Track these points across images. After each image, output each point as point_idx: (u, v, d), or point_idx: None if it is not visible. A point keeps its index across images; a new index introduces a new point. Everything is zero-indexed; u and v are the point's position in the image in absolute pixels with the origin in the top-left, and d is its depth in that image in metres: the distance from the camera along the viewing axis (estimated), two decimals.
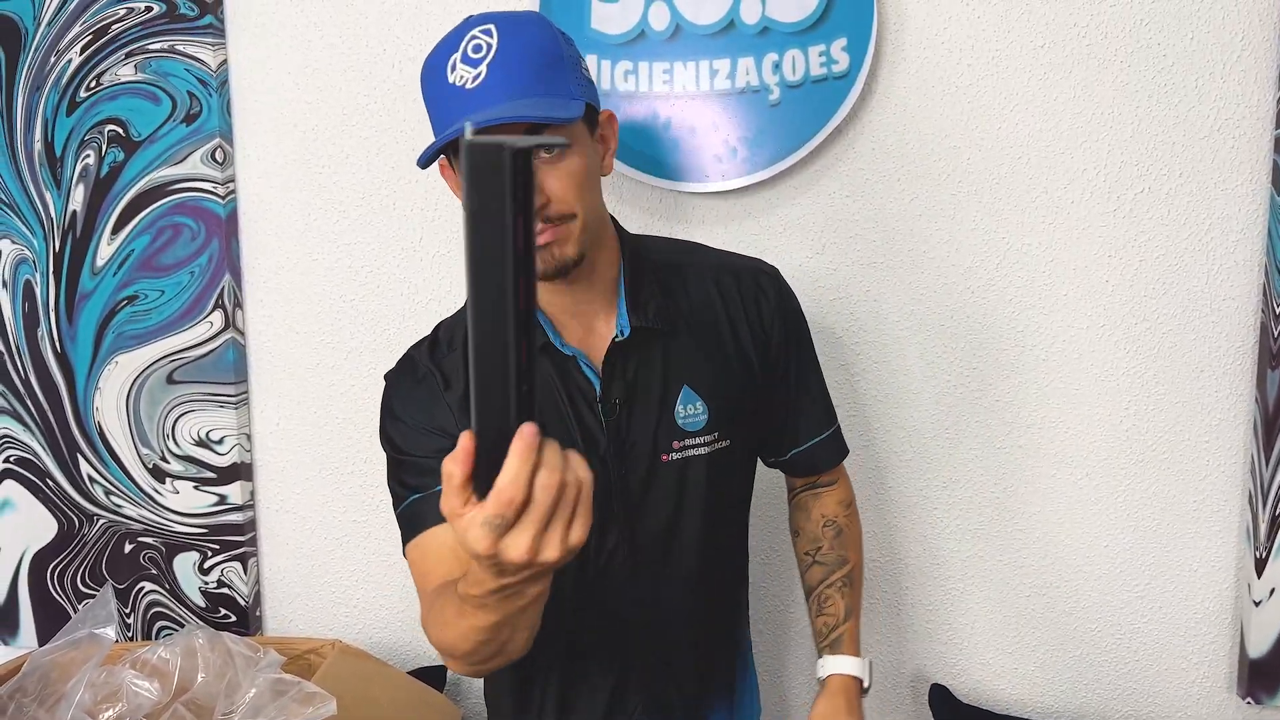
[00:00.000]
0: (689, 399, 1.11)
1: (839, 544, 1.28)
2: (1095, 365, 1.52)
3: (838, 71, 1.47)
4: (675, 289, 1.13)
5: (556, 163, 0.99)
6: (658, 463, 1.10)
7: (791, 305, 1.22)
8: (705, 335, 1.13)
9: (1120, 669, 1.57)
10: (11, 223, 1.72)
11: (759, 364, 1.16)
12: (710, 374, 1.12)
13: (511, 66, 0.97)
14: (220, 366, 1.69)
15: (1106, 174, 1.48)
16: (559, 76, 1.00)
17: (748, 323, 1.16)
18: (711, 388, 1.12)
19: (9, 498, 1.78)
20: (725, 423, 1.13)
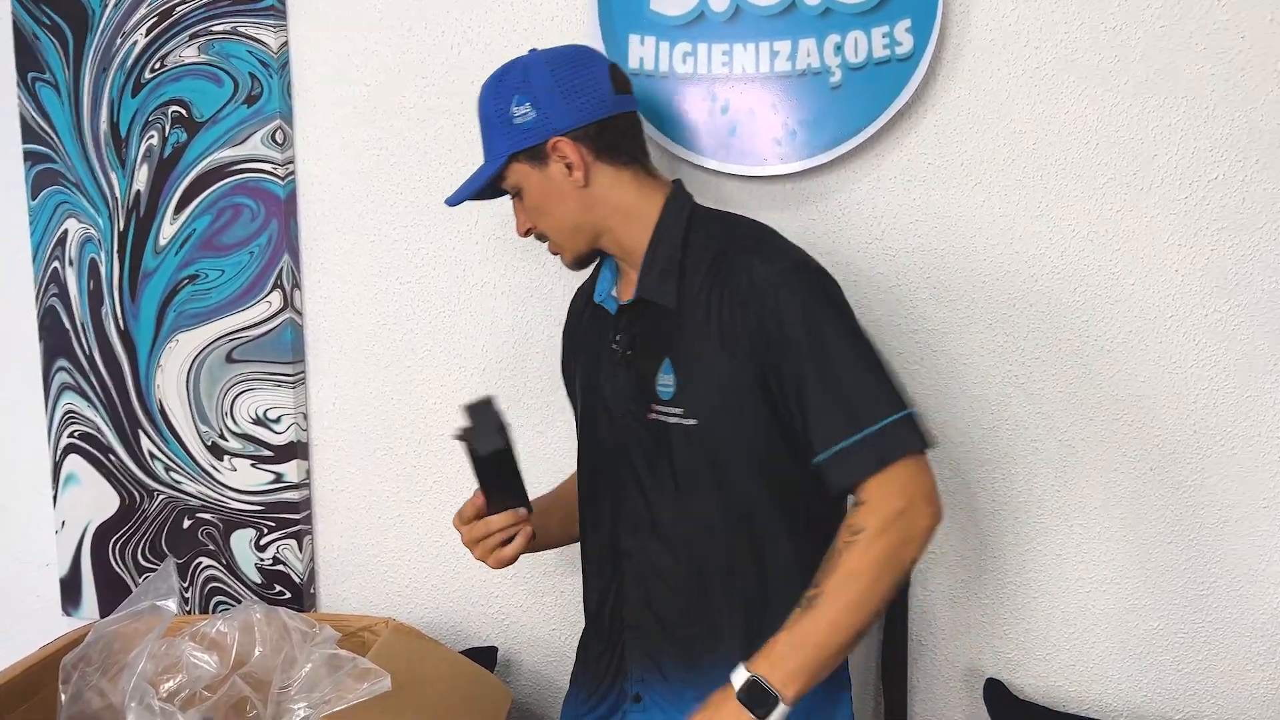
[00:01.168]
0: (667, 370, 1.18)
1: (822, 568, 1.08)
2: (1163, 357, 1.48)
3: (901, 53, 1.44)
4: (698, 272, 1.17)
5: (521, 201, 1.25)
6: (644, 418, 1.21)
7: (772, 309, 1.12)
8: (700, 320, 1.16)
9: (1183, 668, 1.53)
10: (78, 202, 1.75)
11: (754, 365, 1.13)
12: (692, 355, 1.17)
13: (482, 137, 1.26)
14: (278, 346, 1.71)
15: (1179, 160, 1.43)
16: (488, 140, 1.25)
17: (746, 326, 1.13)
18: (689, 368, 1.17)
19: (74, 472, 1.82)
20: (693, 402, 1.17)
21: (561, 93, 1.19)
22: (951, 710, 1.61)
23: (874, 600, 1.05)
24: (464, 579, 1.73)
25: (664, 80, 1.51)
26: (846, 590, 1.04)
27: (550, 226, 1.24)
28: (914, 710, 1.62)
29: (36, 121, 1.75)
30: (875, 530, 1.05)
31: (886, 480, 1.07)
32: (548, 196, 1.21)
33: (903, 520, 1.06)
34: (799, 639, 1.04)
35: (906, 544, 1.06)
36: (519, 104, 1.19)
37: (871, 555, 1.05)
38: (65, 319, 1.78)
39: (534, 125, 1.18)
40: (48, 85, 1.73)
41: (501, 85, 1.22)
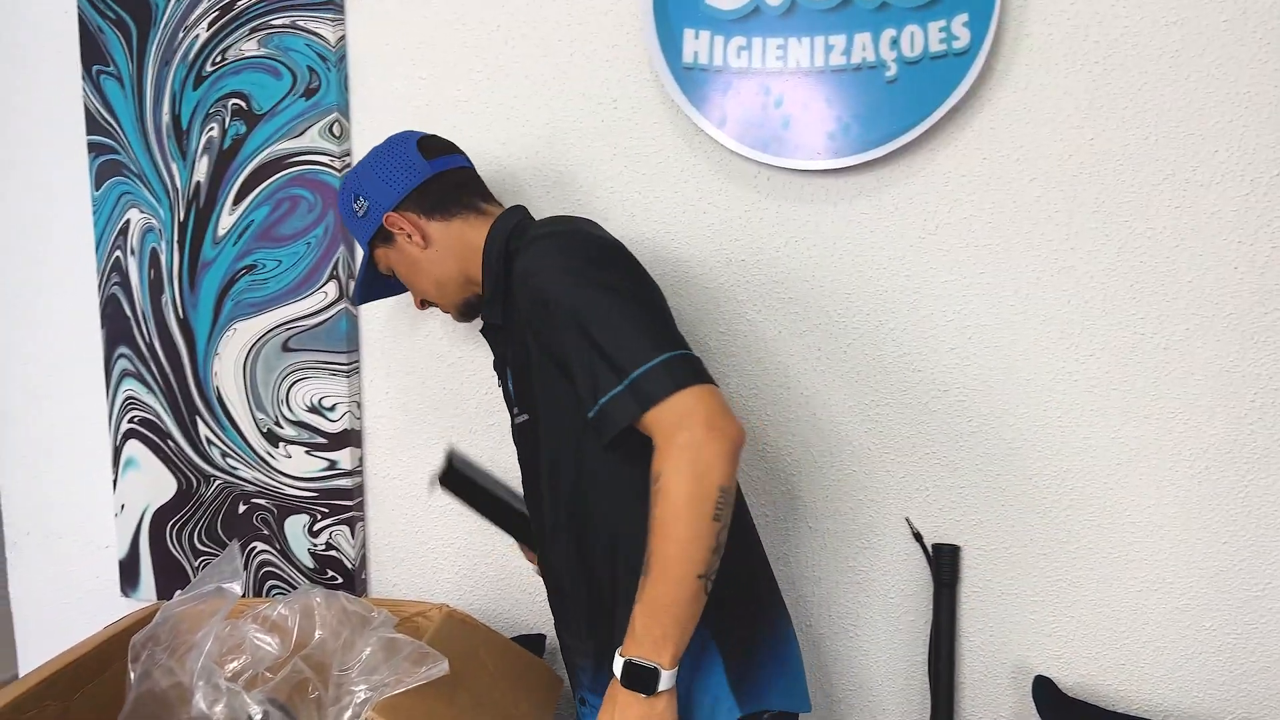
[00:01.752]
0: (510, 377, 1.30)
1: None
2: (1218, 356, 1.46)
3: (958, 48, 1.43)
4: (508, 286, 1.26)
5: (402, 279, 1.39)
6: (517, 424, 1.31)
7: (531, 295, 1.15)
8: (517, 327, 1.24)
9: (1236, 670, 1.52)
10: (140, 193, 1.79)
11: (541, 351, 1.19)
12: (515, 359, 1.27)
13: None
14: (333, 335, 1.73)
15: (1240, 157, 1.42)
16: (352, 235, 1.42)
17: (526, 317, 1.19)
18: (516, 370, 1.27)
19: (133, 457, 1.87)
20: (523, 399, 1.26)
21: (380, 178, 1.35)
22: (999, 707, 1.61)
23: (699, 539, 1.03)
24: (511, 567, 1.75)
25: (717, 74, 1.52)
26: (667, 541, 1.04)
27: (421, 289, 1.37)
28: (961, 706, 1.62)
29: (100, 113, 1.78)
30: (668, 471, 1.04)
31: (664, 415, 1.05)
32: (408, 266, 1.35)
33: (688, 450, 1.03)
34: (649, 607, 1.05)
35: (704, 474, 1.03)
36: (355, 200, 1.36)
37: (673, 497, 1.03)
38: (126, 307, 1.82)
39: (370, 211, 1.35)
40: (112, 78, 1.77)
41: (342, 190, 1.39)
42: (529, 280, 1.16)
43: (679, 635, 1.05)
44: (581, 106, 1.62)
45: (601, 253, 1.18)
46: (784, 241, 1.58)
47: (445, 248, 1.33)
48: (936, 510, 1.59)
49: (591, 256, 1.16)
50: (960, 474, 1.57)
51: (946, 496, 1.58)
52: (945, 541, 1.59)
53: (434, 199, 1.33)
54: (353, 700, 1.16)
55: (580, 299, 1.11)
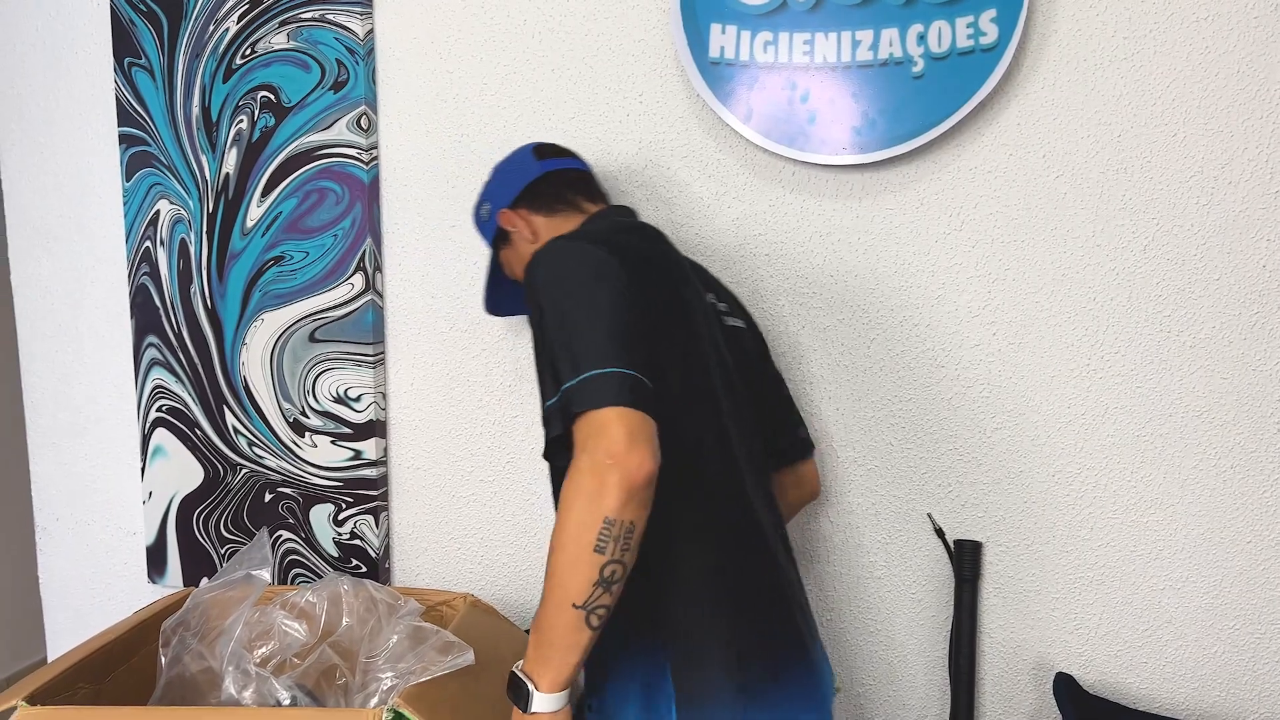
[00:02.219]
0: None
1: None
2: (1246, 355, 1.46)
3: (986, 44, 1.43)
4: None
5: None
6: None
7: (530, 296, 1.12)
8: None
9: (1259, 669, 1.52)
10: (170, 184, 1.81)
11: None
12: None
13: None
14: (360, 327, 1.75)
15: (1269, 154, 1.41)
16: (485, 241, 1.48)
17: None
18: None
19: (161, 445, 1.89)
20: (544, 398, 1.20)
21: (498, 182, 1.43)
22: (1020, 703, 1.61)
23: (576, 565, 0.98)
24: (535, 558, 1.77)
25: (744, 69, 1.52)
26: (553, 563, 1.00)
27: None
28: (982, 702, 1.62)
29: (132, 105, 1.80)
30: (564, 492, 0.99)
31: (575, 434, 1.01)
32: (521, 264, 1.39)
33: (583, 475, 0.98)
34: (535, 626, 1.02)
35: (592, 501, 0.98)
36: (481, 206, 1.45)
37: (560, 521, 1.00)
38: (156, 297, 1.85)
39: (490, 214, 1.43)
40: (143, 70, 1.79)
41: (476, 204, 1.47)
42: (530, 282, 1.12)
43: (557, 660, 1.01)
44: (607, 100, 1.62)
45: (571, 261, 1.12)
46: (808, 236, 1.58)
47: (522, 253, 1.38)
48: (959, 506, 1.59)
49: (570, 263, 1.12)
50: (983, 470, 1.57)
51: (969, 492, 1.58)
52: (967, 537, 1.59)
53: (543, 196, 1.38)
54: (379, 687, 1.17)
55: (549, 305, 1.08)
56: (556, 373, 1.04)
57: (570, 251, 1.13)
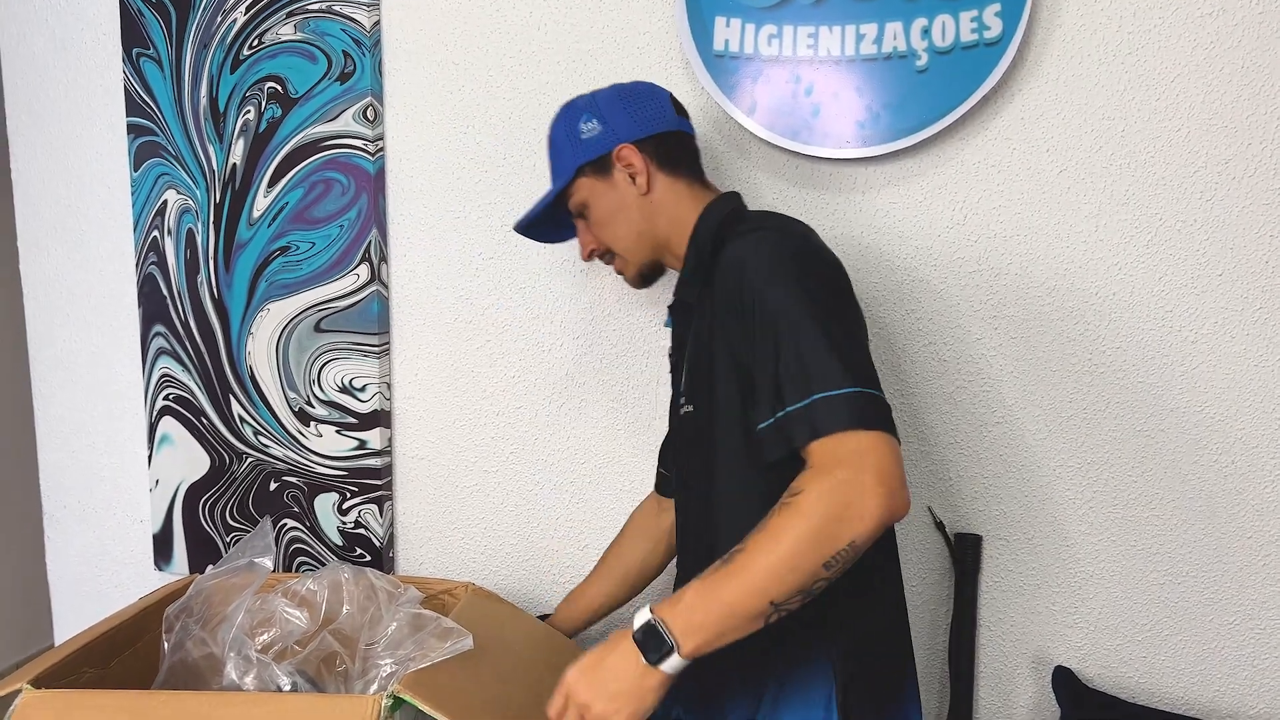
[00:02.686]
0: (685, 364, 1.24)
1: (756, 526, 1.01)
2: (1249, 351, 1.46)
3: (990, 38, 1.43)
4: (712, 269, 1.18)
5: (585, 220, 1.32)
6: (680, 417, 1.26)
7: (733, 284, 1.10)
8: (707, 314, 1.18)
9: (1259, 664, 1.52)
10: (177, 174, 1.82)
11: (726, 345, 1.12)
12: (696, 347, 1.21)
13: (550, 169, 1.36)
14: (365, 317, 1.76)
15: (1274, 150, 1.41)
16: (557, 162, 1.33)
17: (721, 306, 1.13)
18: (692, 359, 1.22)
19: (168, 433, 1.90)
20: (692, 390, 1.21)
21: (625, 108, 1.29)
22: (1018, 696, 1.62)
23: (797, 570, 0.96)
24: (538, 547, 1.78)
25: (748, 61, 1.52)
26: (768, 552, 0.96)
27: (615, 237, 1.30)
28: (980, 695, 1.63)
29: (140, 96, 1.81)
30: (813, 496, 0.96)
31: (833, 447, 0.98)
32: (613, 206, 1.28)
33: (845, 489, 0.96)
34: (709, 592, 0.98)
35: (845, 520, 0.95)
36: (586, 121, 1.29)
37: (803, 520, 0.96)
38: (163, 286, 1.86)
39: (600, 137, 1.28)
40: (151, 60, 1.80)
41: (570, 110, 1.32)
42: (737, 269, 1.09)
43: (715, 635, 0.97)
44: None
45: (817, 263, 1.11)
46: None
47: (662, 203, 1.28)
48: (959, 500, 1.59)
49: (806, 264, 1.09)
50: (984, 464, 1.57)
51: (970, 486, 1.58)
52: (968, 531, 1.59)
53: (672, 153, 1.29)
54: (379, 674, 1.19)
55: (784, 303, 1.04)
56: (800, 382, 1.01)
57: (794, 248, 1.10)
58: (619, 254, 1.32)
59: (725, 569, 0.98)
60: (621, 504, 1.72)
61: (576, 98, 1.34)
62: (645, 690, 0.99)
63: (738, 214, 1.25)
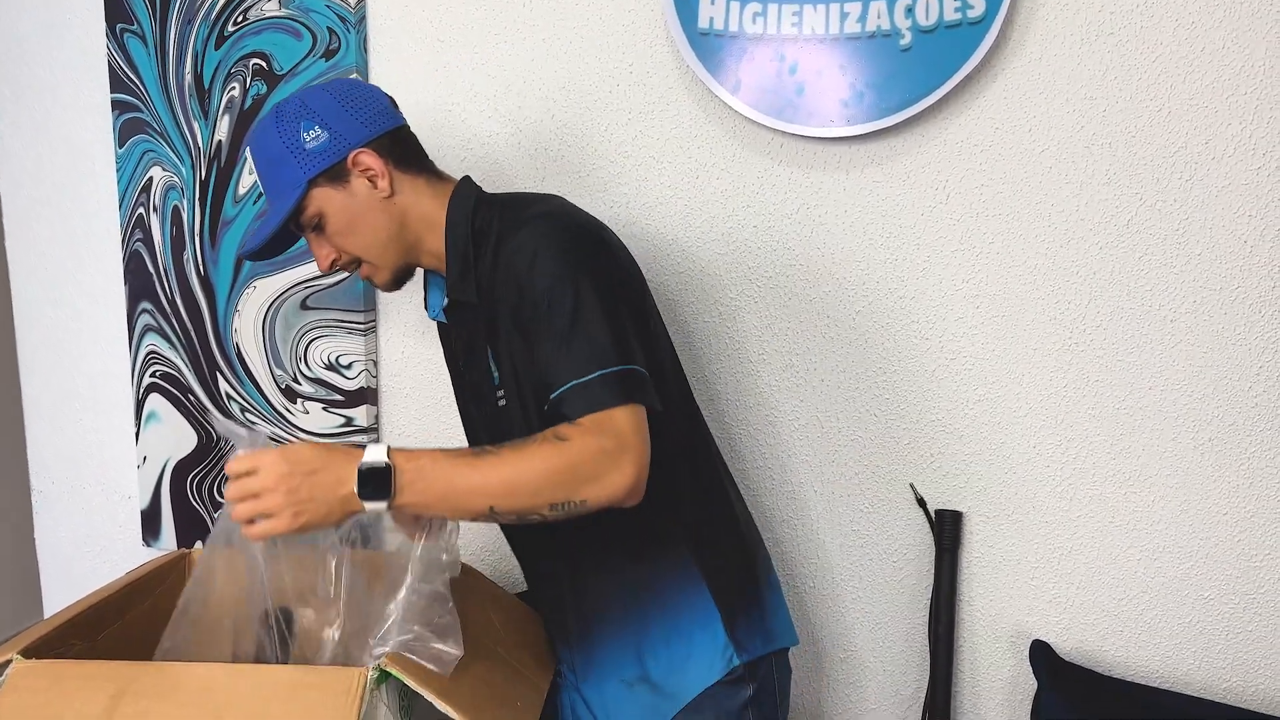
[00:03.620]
0: (492, 360, 1.23)
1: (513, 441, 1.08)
2: (1225, 329, 1.47)
3: (973, 17, 1.44)
4: (487, 259, 1.20)
5: (319, 233, 1.24)
6: (496, 409, 1.24)
7: (520, 273, 1.13)
8: (496, 305, 1.19)
9: (1234, 638, 1.54)
10: (163, 151, 1.81)
11: (519, 333, 1.16)
12: (499, 340, 1.20)
13: (261, 185, 1.27)
14: (351, 295, 1.76)
15: (1253, 130, 1.42)
16: (278, 176, 1.21)
17: (501, 289, 1.17)
18: (500, 352, 1.21)
19: (155, 410, 1.91)
20: (508, 384, 1.21)
21: (347, 111, 1.21)
22: (998, 670, 1.64)
23: (529, 498, 1.04)
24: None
25: (732, 40, 1.53)
26: (515, 469, 1.03)
27: (362, 246, 1.24)
28: (960, 669, 1.65)
29: (125, 71, 1.81)
30: (578, 448, 1.04)
31: (603, 420, 1.06)
32: (355, 215, 1.22)
33: (605, 459, 1.04)
34: (449, 469, 1.03)
35: (592, 483, 1.04)
36: (307, 129, 1.19)
37: (558, 462, 1.03)
38: (149, 263, 1.86)
39: (329, 144, 1.19)
40: (135, 36, 1.79)
41: (281, 119, 1.21)
42: (525, 259, 1.13)
43: (427, 506, 1.04)
44: (597, 70, 1.63)
45: (596, 245, 1.17)
46: (796, 208, 1.59)
47: (406, 205, 1.24)
48: (940, 476, 1.61)
49: (586, 247, 1.15)
50: (965, 441, 1.59)
51: (951, 463, 1.60)
52: (948, 507, 1.61)
53: (403, 150, 1.25)
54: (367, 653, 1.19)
55: (568, 286, 1.10)
56: (577, 360, 1.08)
57: (574, 233, 1.16)
58: (367, 261, 1.26)
59: (471, 460, 1.04)
60: None
61: (281, 104, 1.23)
62: (331, 513, 1.02)
63: (485, 202, 1.25)
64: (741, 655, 1.24)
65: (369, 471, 1.02)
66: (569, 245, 1.14)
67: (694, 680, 1.24)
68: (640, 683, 1.26)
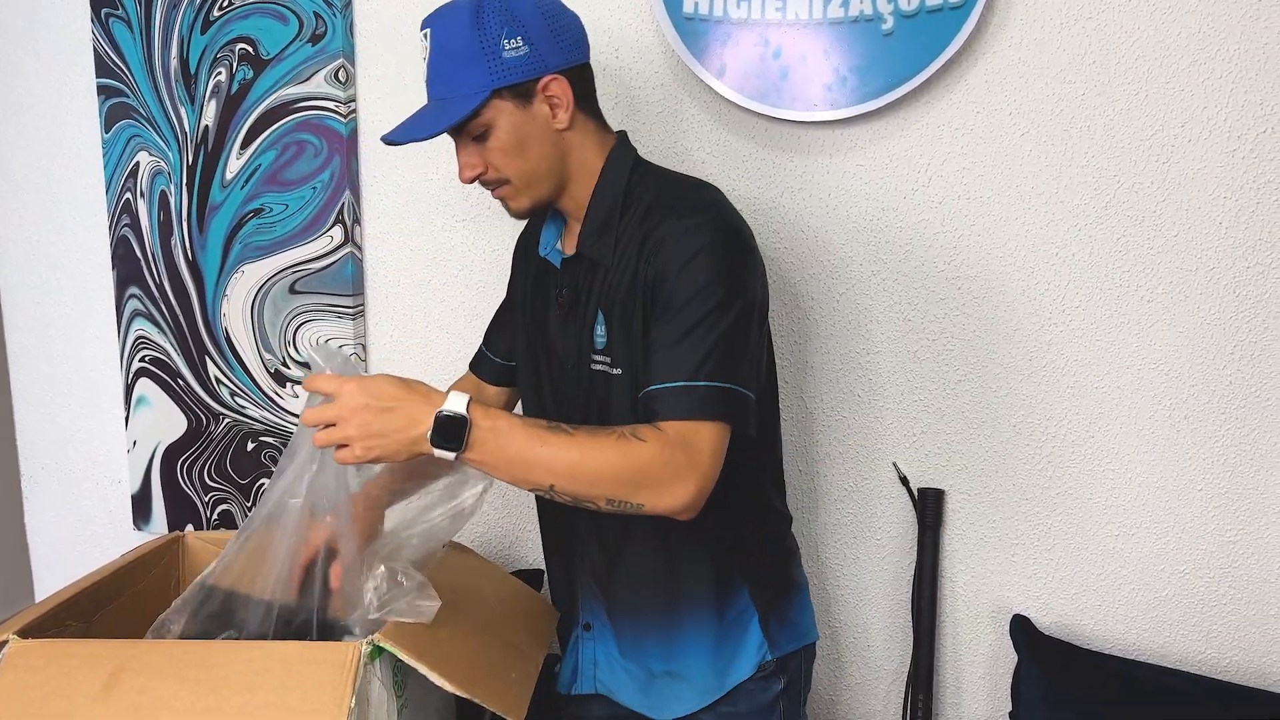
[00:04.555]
0: (600, 322, 1.22)
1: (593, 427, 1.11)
2: (1200, 308, 1.50)
3: (954, 2, 1.45)
4: (629, 227, 1.20)
5: (481, 142, 1.17)
6: (585, 369, 1.24)
7: (680, 255, 1.13)
8: (629, 274, 1.18)
9: (1207, 611, 1.58)
10: (149, 136, 1.82)
11: (648, 304, 1.16)
12: (620, 308, 1.20)
13: (435, 70, 1.16)
14: (339, 279, 1.77)
15: (1227, 113, 1.44)
16: (464, 76, 1.13)
17: (648, 264, 1.16)
18: (616, 320, 1.20)
19: (144, 395, 1.92)
20: (618, 353, 1.20)
21: (551, 31, 1.15)
22: (979, 644, 1.68)
23: (589, 486, 1.06)
24: (511, 505, 1.81)
25: (717, 24, 1.54)
26: (585, 455, 1.05)
27: (519, 170, 1.18)
28: (943, 643, 1.68)
29: (110, 56, 1.81)
30: (649, 454, 1.05)
31: (687, 431, 1.07)
32: (526, 138, 1.16)
33: (671, 469, 1.06)
34: (523, 438, 1.05)
35: (654, 490, 1.06)
36: (510, 37, 1.12)
37: (627, 462, 1.05)
38: (137, 248, 1.86)
39: (526, 60, 1.13)
40: (120, 21, 1.79)
41: (483, 19, 1.12)
42: (686, 249, 1.12)
43: (493, 467, 1.05)
44: None
45: (752, 261, 1.17)
46: (780, 192, 1.61)
47: (574, 143, 1.20)
48: (923, 456, 1.64)
49: (745, 262, 1.16)
50: (947, 421, 1.62)
51: (933, 442, 1.63)
52: (931, 486, 1.64)
53: (586, 87, 1.21)
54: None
55: (717, 293, 1.11)
56: (689, 361, 1.09)
57: (736, 238, 1.16)
58: (514, 183, 1.19)
59: (544, 434, 1.05)
60: None
61: (485, 1, 1.13)
62: (400, 452, 1.04)
63: (642, 168, 1.24)
64: (774, 652, 1.29)
65: (446, 420, 1.02)
66: (732, 255, 1.14)
67: (731, 676, 1.29)
68: (668, 676, 1.30)
